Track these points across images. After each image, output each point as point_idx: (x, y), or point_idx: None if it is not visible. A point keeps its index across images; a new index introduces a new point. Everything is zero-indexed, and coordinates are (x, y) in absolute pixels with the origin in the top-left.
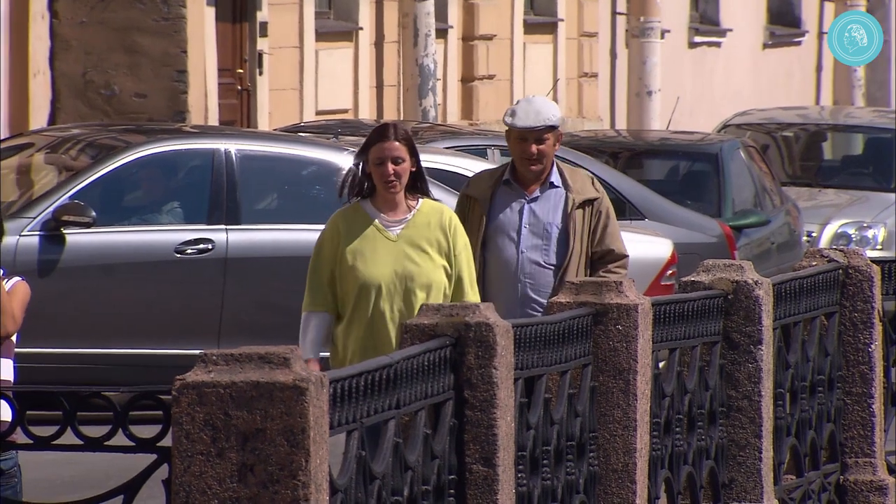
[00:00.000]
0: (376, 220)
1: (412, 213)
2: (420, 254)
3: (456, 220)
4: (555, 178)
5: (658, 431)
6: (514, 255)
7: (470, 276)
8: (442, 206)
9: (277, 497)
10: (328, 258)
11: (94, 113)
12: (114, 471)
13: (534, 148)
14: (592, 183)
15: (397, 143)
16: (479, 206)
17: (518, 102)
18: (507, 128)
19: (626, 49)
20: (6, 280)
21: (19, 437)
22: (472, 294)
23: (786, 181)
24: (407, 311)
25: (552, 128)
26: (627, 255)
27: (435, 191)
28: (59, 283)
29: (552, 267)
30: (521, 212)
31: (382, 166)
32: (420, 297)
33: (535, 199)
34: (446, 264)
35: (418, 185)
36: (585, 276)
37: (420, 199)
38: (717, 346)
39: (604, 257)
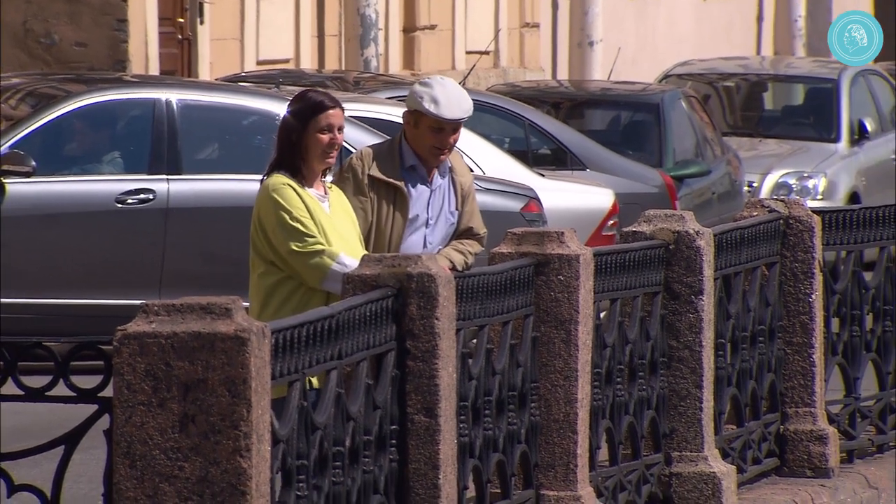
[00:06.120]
0: (312, 193)
1: (325, 186)
2: (353, 228)
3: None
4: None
5: (599, 382)
6: (421, 247)
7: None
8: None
9: (219, 447)
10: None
11: (34, 62)
12: (56, 421)
13: (452, 139)
14: (462, 160)
15: (341, 111)
16: (392, 191)
17: (431, 86)
18: (417, 113)
19: None
20: None
21: None
22: None
23: (727, 131)
24: None
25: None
26: (484, 233)
27: (374, 139)
28: None
29: None
30: (428, 201)
31: (330, 133)
32: None
33: (436, 189)
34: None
35: None
36: None
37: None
38: (658, 297)
39: (461, 235)
